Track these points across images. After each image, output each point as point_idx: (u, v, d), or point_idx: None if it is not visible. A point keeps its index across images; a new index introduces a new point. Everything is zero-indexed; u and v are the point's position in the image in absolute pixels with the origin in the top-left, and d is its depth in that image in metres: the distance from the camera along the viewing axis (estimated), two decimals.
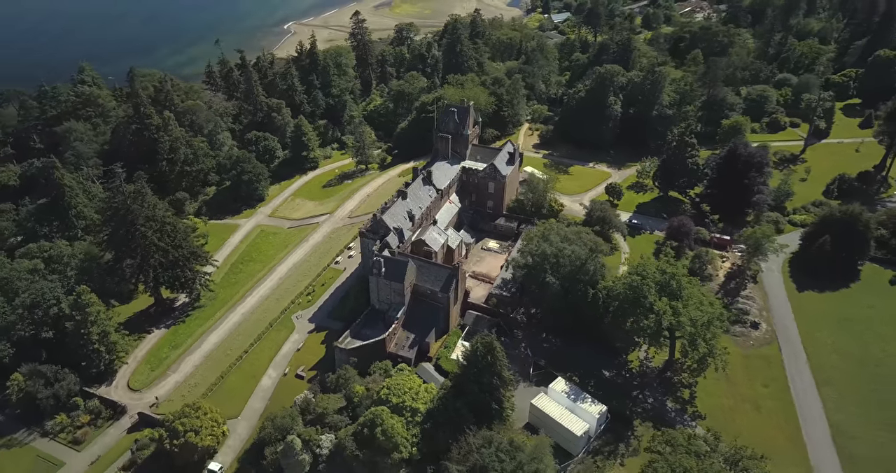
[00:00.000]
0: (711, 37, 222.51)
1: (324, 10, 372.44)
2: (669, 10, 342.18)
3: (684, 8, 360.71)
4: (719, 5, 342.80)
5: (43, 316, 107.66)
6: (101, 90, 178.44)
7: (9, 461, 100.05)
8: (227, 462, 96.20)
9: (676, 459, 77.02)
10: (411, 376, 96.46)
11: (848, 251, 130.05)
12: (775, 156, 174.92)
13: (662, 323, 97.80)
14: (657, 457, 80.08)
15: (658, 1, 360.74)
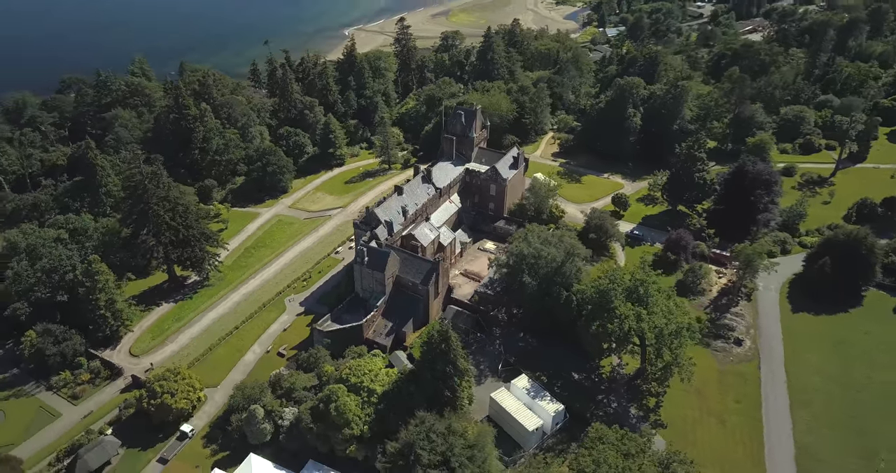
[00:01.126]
0: (752, 55, 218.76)
1: (384, 17, 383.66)
2: (728, 28, 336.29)
3: (745, 26, 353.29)
4: (782, 25, 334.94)
5: (59, 280, 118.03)
6: (151, 81, 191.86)
7: (16, 409, 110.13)
8: (200, 425, 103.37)
9: (602, 455, 78.72)
10: (373, 359, 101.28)
11: (851, 275, 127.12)
12: (802, 177, 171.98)
13: (623, 327, 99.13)
14: (584, 452, 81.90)
15: (718, 19, 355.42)
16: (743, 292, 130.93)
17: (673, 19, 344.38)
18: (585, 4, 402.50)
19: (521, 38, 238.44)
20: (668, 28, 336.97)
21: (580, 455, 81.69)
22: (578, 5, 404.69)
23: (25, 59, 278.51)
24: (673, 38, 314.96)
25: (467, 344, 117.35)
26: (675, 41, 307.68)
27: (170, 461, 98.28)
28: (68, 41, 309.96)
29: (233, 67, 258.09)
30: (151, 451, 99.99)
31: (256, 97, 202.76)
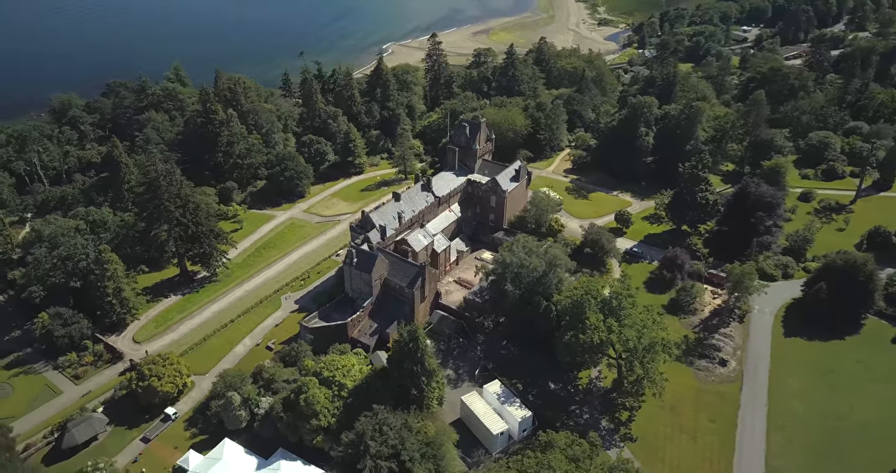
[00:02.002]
0: (781, 79, 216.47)
1: (425, 33, 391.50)
2: (773, 53, 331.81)
3: (790, 52, 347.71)
4: (832, 52, 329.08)
5: (73, 267, 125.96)
6: (186, 87, 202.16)
7: (24, 384, 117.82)
8: (185, 409, 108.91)
9: (547, 459, 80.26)
10: (348, 356, 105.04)
11: (849, 302, 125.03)
12: (819, 203, 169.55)
13: (593, 337, 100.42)
14: (530, 454, 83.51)
15: (762, 43, 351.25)
16: (736, 314, 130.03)
17: (714, 42, 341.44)
18: (628, 26, 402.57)
19: (547, 57, 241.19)
20: (708, 51, 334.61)
21: (525, 456, 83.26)
22: (621, 26, 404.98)
23: (79, 62, 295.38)
24: (711, 61, 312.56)
25: (450, 348, 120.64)
26: (714, 64, 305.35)
27: (151, 441, 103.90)
28: (122, 47, 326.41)
29: (275, 78, 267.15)
30: (136, 430, 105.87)
31: (285, 105, 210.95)
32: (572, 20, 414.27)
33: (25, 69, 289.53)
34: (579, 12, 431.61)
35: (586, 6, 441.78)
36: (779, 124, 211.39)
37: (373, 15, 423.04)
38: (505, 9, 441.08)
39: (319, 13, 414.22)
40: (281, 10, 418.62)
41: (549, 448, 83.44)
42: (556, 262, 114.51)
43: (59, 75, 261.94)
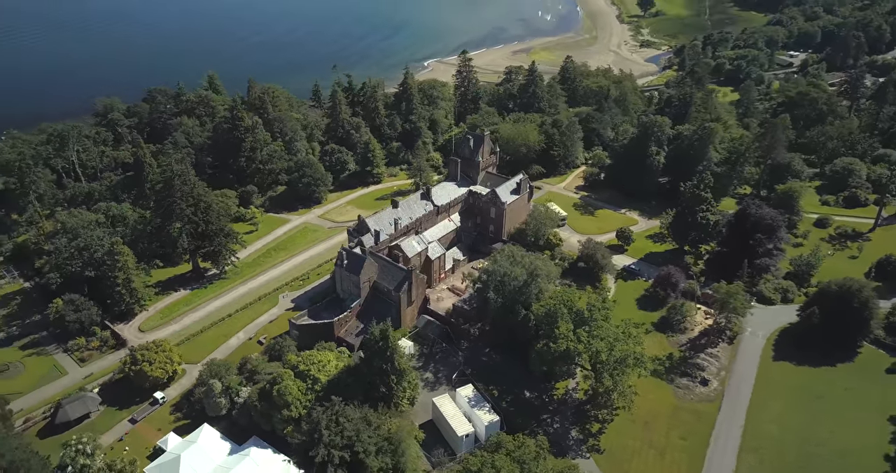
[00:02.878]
0: (809, 104, 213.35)
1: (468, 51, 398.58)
2: (817, 79, 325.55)
3: (835, 78, 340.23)
4: (879, 79, 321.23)
5: (89, 257, 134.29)
6: (220, 95, 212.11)
7: (35, 364, 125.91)
8: (173, 395, 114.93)
9: (493, 459, 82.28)
10: (326, 352, 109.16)
11: (843, 328, 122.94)
12: (835, 230, 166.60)
13: (561, 346, 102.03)
14: (477, 453, 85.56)
15: (807, 68, 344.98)
16: (726, 335, 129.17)
17: (755, 66, 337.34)
18: (670, 48, 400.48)
19: (572, 75, 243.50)
20: (749, 75, 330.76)
21: (472, 455, 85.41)
22: (663, 49, 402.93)
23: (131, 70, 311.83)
24: (750, 85, 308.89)
25: (432, 352, 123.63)
26: (753, 88, 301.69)
27: (138, 422, 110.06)
28: (177, 58, 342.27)
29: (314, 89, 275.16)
30: (126, 412, 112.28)
31: (312, 115, 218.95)
32: (614, 41, 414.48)
33: (81, 75, 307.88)
34: (622, 34, 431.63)
35: (630, 28, 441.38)
36: (805, 149, 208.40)
37: (420, 33, 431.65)
38: (548, 29, 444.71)
39: (370, 31, 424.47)
40: (333, 28, 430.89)
41: (497, 450, 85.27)
42: (537, 273, 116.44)
43: (111, 81, 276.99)
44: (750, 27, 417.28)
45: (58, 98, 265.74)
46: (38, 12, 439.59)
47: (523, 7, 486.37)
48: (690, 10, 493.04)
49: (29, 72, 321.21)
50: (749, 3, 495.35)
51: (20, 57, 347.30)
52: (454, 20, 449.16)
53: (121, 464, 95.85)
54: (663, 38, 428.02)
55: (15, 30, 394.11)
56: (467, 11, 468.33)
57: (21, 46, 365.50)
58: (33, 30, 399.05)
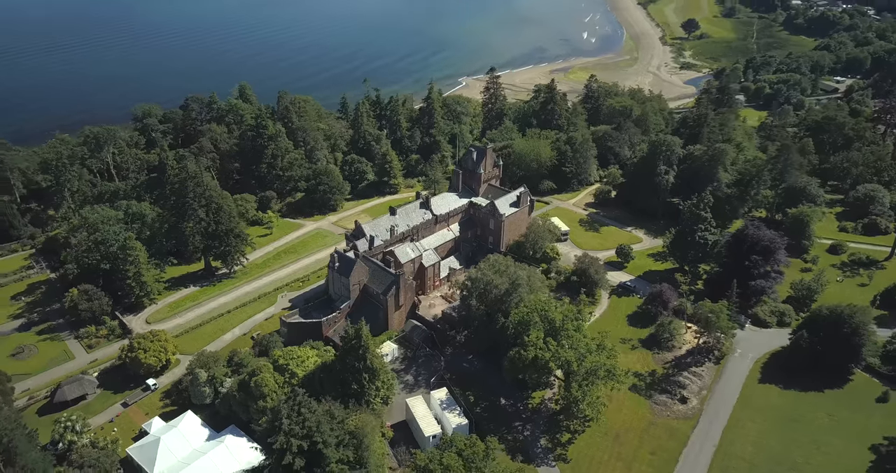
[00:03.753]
0: (835, 129, 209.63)
1: (505, 68, 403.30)
2: (861, 105, 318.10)
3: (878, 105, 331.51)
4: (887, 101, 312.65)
5: (105, 251, 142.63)
6: (249, 104, 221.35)
7: (47, 348, 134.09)
8: (165, 382, 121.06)
9: (440, 456, 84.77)
10: (306, 349, 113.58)
11: (834, 354, 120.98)
12: (849, 257, 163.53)
13: (529, 354, 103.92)
14: (429, 450, 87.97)
15: (852, 95, 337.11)
16: (714, 354, 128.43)
17: (794, 91, 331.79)
18: (711, 71, 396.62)
19: (595, 94, 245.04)
20: (788, 99, 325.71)
21: (421, 451, 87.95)
22: (704, 71, 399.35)
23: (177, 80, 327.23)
24: (788, 110, 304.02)
25: (416, 356, 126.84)
26: (790, 113, 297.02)
27: (130, 406, 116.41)
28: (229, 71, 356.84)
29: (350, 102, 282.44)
30: (120, 396, 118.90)
31: (337, 126, 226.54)
32: (654, 63, 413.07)
33: (135, 83, 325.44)
34: (664, 55, 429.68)
35: (672, 50, 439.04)
36: (829, 174, 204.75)
37: (461, 51, 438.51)
38: (589, 49, 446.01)
39: (414, 49, 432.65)
40: (379, 45, 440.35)
41: (448, 448, 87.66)
42: (519, 283, 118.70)
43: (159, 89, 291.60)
44: (796, 52, 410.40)
45: (109, 104, 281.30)
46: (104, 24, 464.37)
47: (567, 28, 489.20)
48: (738, 33, 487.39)
49: (91, 78, 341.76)
50: (799, 28, 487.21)
51: (85, 65, 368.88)
52: (496, 39, 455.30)
53: (103, 442, 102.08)
54: (705, 60, 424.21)
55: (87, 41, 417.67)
56: (511, 31, 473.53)
57: (84, 56, 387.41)
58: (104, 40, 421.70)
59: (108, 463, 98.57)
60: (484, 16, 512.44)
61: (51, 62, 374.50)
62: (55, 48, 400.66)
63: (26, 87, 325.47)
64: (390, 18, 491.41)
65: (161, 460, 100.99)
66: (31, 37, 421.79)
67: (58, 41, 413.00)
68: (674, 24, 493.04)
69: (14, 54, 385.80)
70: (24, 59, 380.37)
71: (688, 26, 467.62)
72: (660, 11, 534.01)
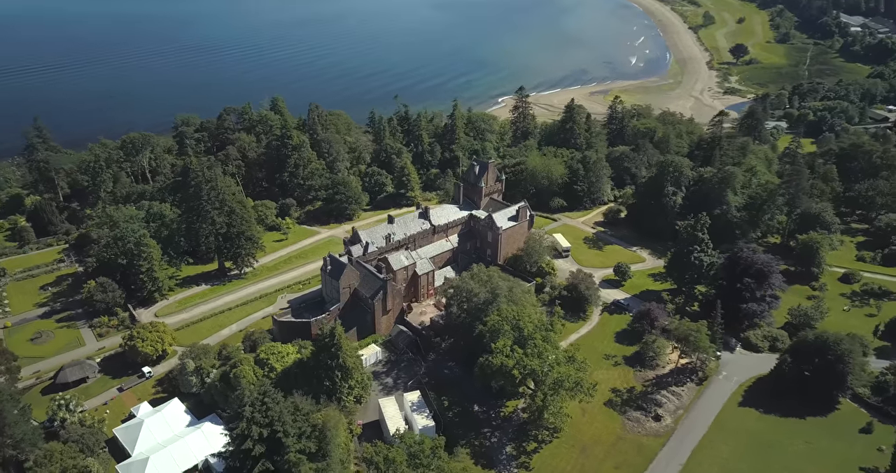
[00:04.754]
0: (863, 156, 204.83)
1: (546, 89, 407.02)
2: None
3: None
4: None
5: (122, 247, 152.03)
6: (277, 115, 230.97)
7: (63, 335, 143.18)
8: (161, 371, 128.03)
9: (385, 449, 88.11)
10: (288, 346, 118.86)
11: (820, 381, 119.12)
12: (862, 286, 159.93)
13: (495, 361, 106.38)
14: (379, 444, 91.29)
15: None
16: (697, 375, 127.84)
17: (840, 119, 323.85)
18: (755, 97, 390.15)
19: (619, 116, 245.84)
20: (832, 127, 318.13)
21: (371, 446, 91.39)
22: (748, 97, 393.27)
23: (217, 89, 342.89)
24: (830, 138, 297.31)
25: (399, 360, 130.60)
26: (831, 141, 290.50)
27: (124, 391, 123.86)
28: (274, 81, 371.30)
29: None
30: (117, 381, 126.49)
31: (363, 140, 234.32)
32: (697, 87, 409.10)
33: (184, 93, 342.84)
34: (709, 80, 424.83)
35: (718, 75, 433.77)
36: (852, 203, 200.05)
37: (506, 71, 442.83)
38: (633, 73, 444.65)
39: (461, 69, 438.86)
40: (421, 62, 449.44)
41: (397, 443, 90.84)
42: (498, 292, 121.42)
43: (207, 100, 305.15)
44: (847, 78, 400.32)
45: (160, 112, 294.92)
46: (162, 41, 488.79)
47: (613, 51, 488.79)
48: (789, 59, 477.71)
49: (145, 87, 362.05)
50: (855, 55, 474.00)
51: (141, 76, 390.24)
52: (539, 61, 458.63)
53: (90, 421, 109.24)
54: (751, 86, 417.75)
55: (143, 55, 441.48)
56: (555, 53, 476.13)
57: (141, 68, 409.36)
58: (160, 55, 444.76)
59: (92, 441, 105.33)
60: (531, 38, 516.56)
61: (108, 73, 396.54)
62: (112, 60, 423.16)
63: (87, 95, 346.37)
64: (443, 42, 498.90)
65: (142, 441, 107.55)
66: (94, 49, 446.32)
67: (116, 53, 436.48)
68: (723, 48, 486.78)
69: (78, 65, 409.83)
70: (88, 69, 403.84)
71: (736, 51, 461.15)
72: (711, 36, 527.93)
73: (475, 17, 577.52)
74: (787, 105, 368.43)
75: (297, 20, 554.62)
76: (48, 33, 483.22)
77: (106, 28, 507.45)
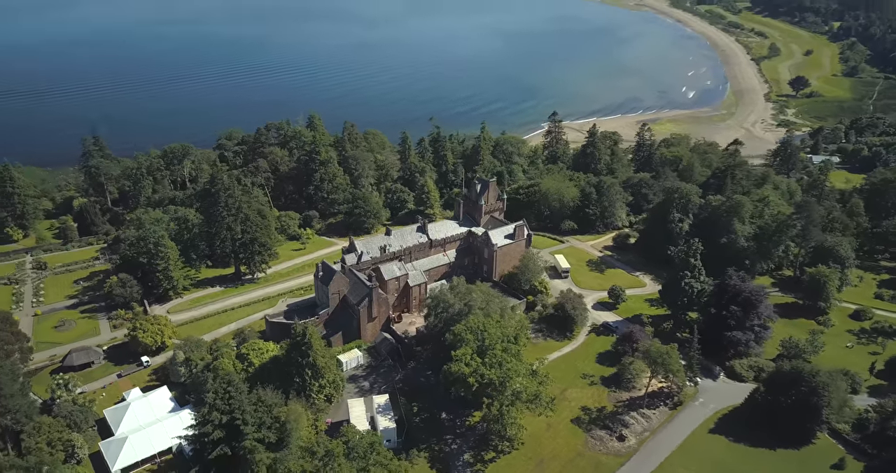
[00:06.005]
0: (894, 192, 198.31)
1: (593, 117, 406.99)
2: None
3: None
4: None
5: (144, 246, 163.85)
6: (311, 132, 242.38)
7: (83, 324, 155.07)
8: (159, 361, 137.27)
9: (328, 444, 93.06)
10: (270, 343, 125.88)
11: (794, 414, 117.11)
12: (872, 324, 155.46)
13: (453, 368, 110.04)
14: (325, 438, 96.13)
15: None
16: (672, 399, 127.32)
17: (893, 154, 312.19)
18: (811, 130, 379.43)
19: (648, 143, 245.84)
20: (886, 163, 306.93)
21: (314, 438, 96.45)
22: (804, 130, 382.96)
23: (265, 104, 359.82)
24: (882, 173, 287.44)
25: (379, 366, 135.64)
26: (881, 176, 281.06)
27: (123, 377, 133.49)
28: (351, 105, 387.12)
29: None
30: (118, 368, 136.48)
31: (392, 158, 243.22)
32: (750, 119, 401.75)
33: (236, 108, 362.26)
34: (764, 112, 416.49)
35: (774, 107, 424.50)
36: (881, 239, 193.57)
37: (554, 98, 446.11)
38: (685, 102, 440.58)
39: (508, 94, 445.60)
40: (480, 89, 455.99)
41: (339, 437, 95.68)
42: (471, 304, 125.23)
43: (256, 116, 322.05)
44: None
45: (213, 125, 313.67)
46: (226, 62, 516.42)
47: (667, 80, 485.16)
48: (854, 93, 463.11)
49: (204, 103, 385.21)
50: None
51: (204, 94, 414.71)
52: (590, 88, 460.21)
53: (82, 400, 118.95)
54: (809, 119, 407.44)
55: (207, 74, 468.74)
56: (608, 81, 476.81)
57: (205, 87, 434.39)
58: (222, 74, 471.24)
59: (80, 418, 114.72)
60: (587, 67, 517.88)
61: (172, 90, 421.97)
62: (178, 79, 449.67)
63: (148, 110, 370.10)
64: (498, 69, 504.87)
65: (125, 422, 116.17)
66: (160, 68, 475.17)
67: (181, 73, 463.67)
68: (784, 81, 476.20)
69: (145, 83, 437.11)
70: (151, 87, 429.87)
71: (796, 83, 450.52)
72: (773, 68, 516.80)
73: (532, 48, 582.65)
74: (843, 139, 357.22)
75: (361, 44, 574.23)
76: (132, 52, 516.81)
77: (188, 49, 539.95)
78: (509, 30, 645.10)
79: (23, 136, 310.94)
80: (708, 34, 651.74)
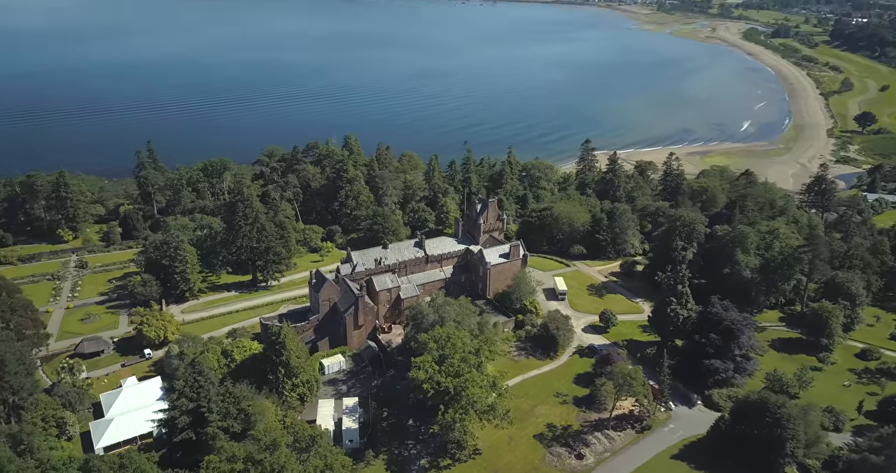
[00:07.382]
0: None
1: (644, 147, 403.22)
2: None
3: None
4: None
5: (166, 250, 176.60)
6: (344, 151, 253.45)
7: (106, 318, 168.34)
8: (159, 354, 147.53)
9: (273, 437, 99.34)
10: (254, 342, 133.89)
11: (755, 444, 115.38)
12: (879, 365, 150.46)
13: (412, 374, 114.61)
14: None
15: None
16: (640, 423, 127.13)
17: None
18: (871, 167, 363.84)
19: (676, 172, 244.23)
20: None
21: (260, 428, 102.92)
22: (864, 167, 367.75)
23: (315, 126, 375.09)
24: None
25: (360, 371, 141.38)
26: None
27: (125, 367, 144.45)
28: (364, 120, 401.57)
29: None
30: (123, 358, 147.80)
31: (419, 179, 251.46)
32: (808, 154, 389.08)
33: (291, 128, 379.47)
34: (824, 148, 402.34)
35: (836, 143, 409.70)
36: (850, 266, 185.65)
37: (607, 126, 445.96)
38: (741, 136, 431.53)
39: (565, 124, 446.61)
40: (540, 118, 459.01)
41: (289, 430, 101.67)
42: (445, 316, 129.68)
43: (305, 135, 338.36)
44: None
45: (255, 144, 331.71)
46: None
47: (726, 113, 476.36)
48: None
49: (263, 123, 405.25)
50: None
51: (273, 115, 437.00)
52: (644, 118, 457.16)
53: (81, 384, 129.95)
54: (872, 156, 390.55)
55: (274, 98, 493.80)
56: (664, 111, 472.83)
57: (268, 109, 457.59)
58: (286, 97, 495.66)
59: (76, 399, 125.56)
60: (646, 98, 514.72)
61: (235, 110, 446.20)
62: (244, 100, 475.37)
63: (209, 127, 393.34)
64: (558, 98, 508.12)
65: (116, 406, 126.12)
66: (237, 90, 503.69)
67: (246, 95, 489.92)
68: (851, 116, 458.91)
69: (226, 103, 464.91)
70: (231, 106, 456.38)
71: (862, 119, 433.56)
72: (842, 103, 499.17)
73: (600, 79, 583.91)
74: None
75: (438, 71, 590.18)
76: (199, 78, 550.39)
77: (257, 72, 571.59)
78: (579, 61, 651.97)
79: (91, 150, 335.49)
80: (778, 67, 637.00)
